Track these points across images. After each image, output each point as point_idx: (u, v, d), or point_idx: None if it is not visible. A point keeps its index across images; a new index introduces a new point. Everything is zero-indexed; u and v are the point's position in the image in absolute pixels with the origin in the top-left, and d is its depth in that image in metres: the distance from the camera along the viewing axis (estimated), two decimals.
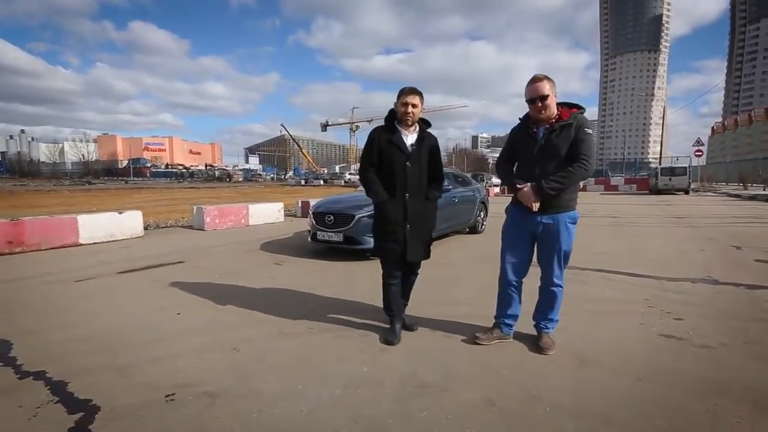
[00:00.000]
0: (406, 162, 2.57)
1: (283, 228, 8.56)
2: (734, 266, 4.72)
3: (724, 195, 20.37)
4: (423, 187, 2.64)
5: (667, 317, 3.03)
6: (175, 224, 9.22)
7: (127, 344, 2.52)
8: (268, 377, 2.09)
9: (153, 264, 4.96)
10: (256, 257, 5.50)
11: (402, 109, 2.58)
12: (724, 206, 13.32)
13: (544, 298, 2.50)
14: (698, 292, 3.69)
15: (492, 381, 2.08)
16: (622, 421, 1.72)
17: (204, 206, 8.51)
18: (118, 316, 3.08)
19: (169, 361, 2.29)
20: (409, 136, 2.64)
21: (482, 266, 4.89)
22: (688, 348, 2.49)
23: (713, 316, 3.07)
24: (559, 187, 2.21)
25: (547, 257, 2.40)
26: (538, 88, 2.22)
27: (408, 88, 2.60)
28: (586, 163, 2.21)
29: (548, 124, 2.26)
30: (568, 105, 2.33)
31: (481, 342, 2.49)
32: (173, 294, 3.67)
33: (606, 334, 2.71)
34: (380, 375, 2.13)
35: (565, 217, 2.32)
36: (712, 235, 7.18)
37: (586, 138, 2.23)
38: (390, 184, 2.60)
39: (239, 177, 57.17)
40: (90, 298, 3.59)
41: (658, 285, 3.92)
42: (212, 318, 3.01)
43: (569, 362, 2.29)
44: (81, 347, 2.48)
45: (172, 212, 11.90)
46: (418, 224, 2.61)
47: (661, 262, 4.93)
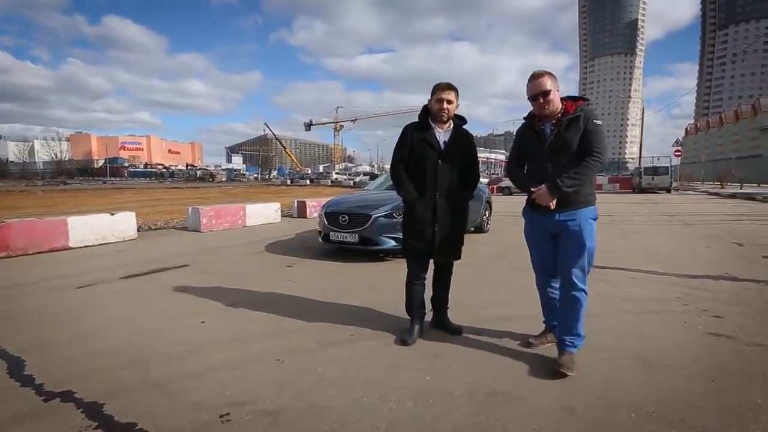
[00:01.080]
0: (438, 160, 2.48)
1: (282, 229, 8.32)
2: (745, 263, 4.78)
3: (704, 193, 21.12)
4: (454, 187, 2.53)
5: (706, 315, 3.01)
6: (166, 226, 8.85)
7: (155, 357, 2.30)
8: (327, 391, 1.92)
9: (156, 268, 4.68)
10: (264, 259, 5.27)
11: (437, 106, 2.47)
12: (707, 204, 13.74)
13: (565, 306, 2.24)
14: (724, 289, 3.70)
15: (563, 386, 1.98)
16: (717, 428, 1.64)
17: (200, 207, 8.18)
18: (135, 325, 2.84)
19: (210, 375, 2.09)
20: (442, 133, 2.53)
21: (503, 265, 4.82)
22: (741, 347, 2.45)
23: (749, 313, 3.06)
24: (576, 183, 2.09)
25: (568, 258, 2.20)
26: (539, 84, 2.13)
27: (443, 83, 2.50)
28: (600, 155, 2.10)
29: (555, 119, 2.17)
30: (573, 98, 2.23)
31: (534, 346, 2.40)
32: (188, 300, 3.44)
33: (656, 335, 2.65)
34: (445, 384, 2.00)
35: (586, 213, 2.17)
36: (710, 232, 7.34)
37: (597, 129, 2.12)
38: (420, 182, 2.51)
39: (222, 177, 55.77)
40: (97, 306, 3.32)
41: (682, 283, 3.91)
42: (241, 326, 2.81)
43: (634, 364, 2.21)
44: (104, 362, 2.25)
45: (160, 213, 11.47)
46: (447, 224, 2.51)
47: (674, 260, 4.96)
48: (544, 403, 1.82)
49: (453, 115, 2.54)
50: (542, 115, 2.20)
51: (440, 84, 2.51)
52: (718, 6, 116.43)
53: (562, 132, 2.13)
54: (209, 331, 2.71)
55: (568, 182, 2.08)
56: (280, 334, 2.66)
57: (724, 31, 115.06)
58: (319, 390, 1.94)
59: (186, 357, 2.31)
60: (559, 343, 2.25)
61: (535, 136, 2.23)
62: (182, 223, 9.11)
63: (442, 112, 2.47)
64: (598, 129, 2.12)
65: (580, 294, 2.19)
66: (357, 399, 1.85)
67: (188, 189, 29.92)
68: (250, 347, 2.44)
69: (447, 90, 2.47)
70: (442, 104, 2.45)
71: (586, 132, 2.11)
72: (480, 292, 3.66)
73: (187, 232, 7.91)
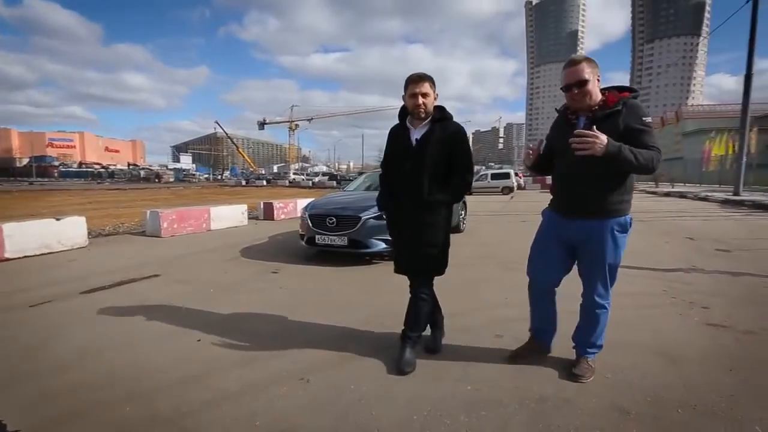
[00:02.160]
0: (406, 163, 2.20)
1: (252, 232, 7.87)
2: (705, 256, 5.20)
3: (642, 192, 23.05)
4: (424, 190, 2.15)
5: (695, 307, 3.20)
6: (117, 231, 8.03)
7: (157, 387, 2.00)
8: (370, 410, 1.76)
9: (122, 279, 4.18)
10: (244, 266, 4.91)
11: (411, 102, 2.14)
12: (649, 202, 15.00)
13: (585, 321, 2.12)
14: (698, 281, 3.97)
15: (604, 386, 1.97)
16: (758, 417, 1.70)
17: (159, 210, 7.51)
18: (117, 349, 2.47)
19: (230, 403, 1.84)
20: (416, 131, 2.21)
21: (492, 265, 4.84)
22: (738, 335, 2.62)
23: (731, 302, 3.29)
24: (630, 159, 1.70)
25: (589, 272, 2.02)
26: (576, 71, 1.84)
27: (415, 75, 2.16)
28: (660, 152, 1.78)
29: (590, 112, 1.89)
30: (619, 88, 1.92)
31: (518, 359, 2.20)
32: (172, 316, 3.07)
33: (662, 328, 2.76)
34: (489, 393, 1.91)
35: (613, 223, 1.91)
36: (662, 228, 7.96)
37: (647, 128, 1.81)
38: (394, 188, 2.30)
39: (170, 177, 52.18)
40: (63, 328, 2.87)
41: (662, 277, 4.16)
42: (245, 343, 2.54)
43: (658, 359, 2.26)
44: (94, 398, 1.91)
45: (106, 217, 10.45)
46: (412, 233, 2.20)
47: (645, 256, 5.28)
48: (594, 405, 1.80)
49: (432, 110, 2.20)
50: (577, 108, 1.93)
51: (412, 76, 2.16)
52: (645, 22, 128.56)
53: (595, 127, 1.78)
54: (210, 351, 2.42)
55: (626, 153, 1.70)
56: (293, 350, 2.43)
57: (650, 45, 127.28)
58: (360, 410, 1.77)
59: (193, 383, 2.02)
60: (577, 348, 2.16)
61: (567, 130, 1.89)
62: (136, 228, 8.36)
63: (418, 108, 2.13)
64: (648, 128, 1.81)
65: (602, 312, 2.05)
66: (407, 417, 1.71)
67: (133, 190, 27.64)
68: (264, 366, 2.20)
69: (420, 82, 2.13)
70: (416, 99, 2.12)
71: (634, 130, 1.78)
72: (481, 294, 3.63)
73: (145, 237, 7.23)
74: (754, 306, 3.20)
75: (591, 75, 1.84)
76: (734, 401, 1.83)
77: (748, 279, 4.03)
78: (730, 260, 4.90)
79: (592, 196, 1.91)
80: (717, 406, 1.79)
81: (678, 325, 2.82)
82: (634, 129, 1.81)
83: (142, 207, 13.92)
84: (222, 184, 46.06)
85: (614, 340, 2.45)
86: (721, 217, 9.75)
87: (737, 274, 4.20)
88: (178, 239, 7.07)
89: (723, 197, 14.33)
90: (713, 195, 15.57)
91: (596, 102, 1.89)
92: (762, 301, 3.31)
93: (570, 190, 1.97)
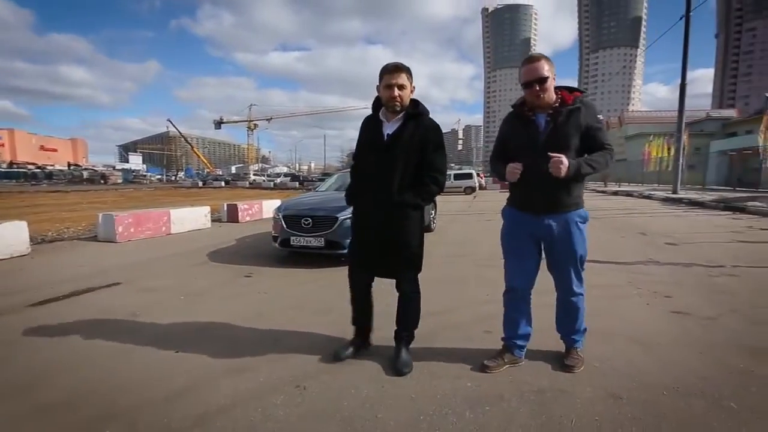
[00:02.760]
0: (376, 158, 2.09)
1: (216, 235, 7.51)
2: (658, 249, 5.62)
3: (592, 191, 24.61)
4: (396, 189, 2.05)
5: (659, 296, 3.44)
6: (61, 237, 7.35)
7: (140, 405, 1.83)
8: (375, 414, 1.72)
9: (77, 289, 3.82)
10: (214, 271, 4.66)
11: (387, 93, 2.01)
12: (600, 201, 16.04)
13: (564, 312, 2.16)
14: (657, 273, 4.29)
15: (595, 375, 2.06)
16: (729, 394, 1.86)
17: (114, 213, 6.96)
18: (88, 365, 2.23)
19: (225, 417, 1.72)
20: (389, 125, 2.09)
21: (468, 263, 4.94)
22: (701, 321, 2.85)
23: (688, 291, 3.58)
24: (589, 171, 1.87)
25: (560, 264, 2.06)
26: (537, 68, 1.87)
27: (391, 64, 2.04)
28: (612, 150, 1.94)
29: (551, 110, 1.92)
30: (568, 89, 1.99)
31: (491, 370, 2.09)
32: (141, 327, 2.84)
33: (634, 317, 2.94)
34: (489, 388, 1.94)
35: (575, 216, 2.00)
36: (615, 225, 8.53)
37: (603, 126, 1.97)
38: (362, 185, 2.19)
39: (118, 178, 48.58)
40: (15, 344, 2.56)
41: (624, 269, 4.44)
42: (229, 351, 2.39)
43: (636, 347, 2.40)
44: (70, 419, 1.72)
45: (47, 222, 9.52)
46: (384, 234, 2.09)
47: (605, 250, 5.62)
48: (591, 394, 1.88)
49: (407, 103, 2.07)
50: (535, 105, 1.95)
51: (388, 66, 2.04)
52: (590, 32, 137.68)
53: (559, 125, 1.89)
54: (192, 362, 2.26)
55: (585, 166, 1.86)
56: (283, 356, 2.32)
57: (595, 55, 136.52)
58: (365, 414, 1.72)
59: (179, 398, 1.88)
60: (564, 341, 2.21)
61: (527, 128, 1.96)
62: (85, 233, 7.71)
63: (394, 101, 2.01)
64: (603, 126, 1.99)
65: (579, 299, 2.11)
66: (414, 417, 1.70)
67: (75, 192, 25.46)
68: (254, 376, 2.09)
69: (397, 72, 1.99)
70: (392, 90, 1.99)
71: (593, 129, 1.91)
72: (463, 291, 3.68)
73: (97, 243, 6.68)
74: (708, 293, 3.50)
75: (550, 72, 1.89)
76: (708, 382, 1.98)
77: (697, 269, 4.41)
78: (680, 253, 5.34)
79: (560, 192, 1.96)
80: (695, 387, 1.93)
81: (647, 314, 3.02)
82: (593, 127, 1.92)
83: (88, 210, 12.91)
84: (177, 186, 43.63)
85: (594, 330, 2.57)
86: (664, 214, 10.61)
87: (688, 265, 4.58)
88: (136, 244, 6.59)
89: (664, 195, 15.64)
90: (655, 194, 16.96)
91: (553, 100, 1.94)
92: (714, 289, 3.62)
93: (538, 187, 1.96)
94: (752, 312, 3.03)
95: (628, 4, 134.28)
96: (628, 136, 47.99)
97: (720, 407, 1.76)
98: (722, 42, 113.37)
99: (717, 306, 3.15)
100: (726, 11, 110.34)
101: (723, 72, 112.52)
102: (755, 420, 1.67)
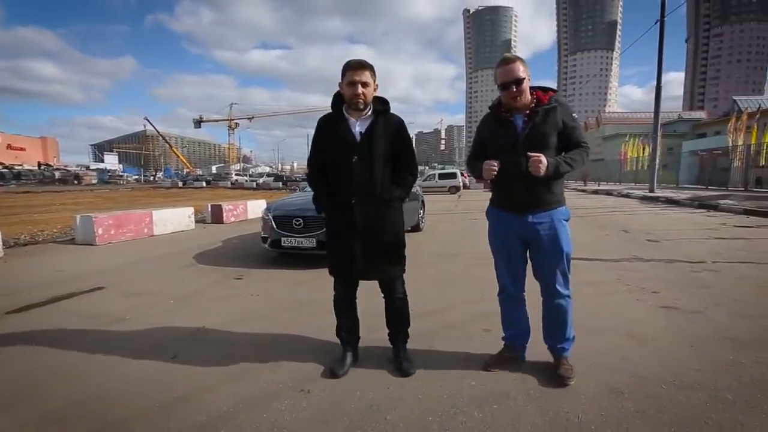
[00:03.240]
0: (352, 157, 2.00)
1: (201, 237, 7.34)
2: (640, 246, 5.79)
3: (573, 190, 25.22)
4: (378, 187, 2.04)
5: (646, 292, 3.54)
6: (33, 240, 7.03)
7: (137, 414, 1.75)
8: (383, 415, 1.70)
9: (57, 295, 3.66)
10: (202, 273, 4.54)
11: (350, 91, 1.97)
12: (582, 200, 16.46)
13: (552, 316, 2.10)
14: (643, 269, 4.42)
15: (595, 370, 2.10)
16: (723, 385, 1.92)
17: (92, 215, 6.70)
18: (79, 376, 2.12)
19: (229, 423, 1.66)
20: (357, 122, 2.04)
21: (459, 263, 4.97)
22: (688, 315, 2.94)
23: (674, 286, 3.70)
24: (568, 169, 1.90)
25: (546, 265, 2.03)
26: (513, 69, 1.88)
27: (354, 61, 2.00)
28: (588, 147, 1.98)
29: (528, 110, 1.94)
30: (542, 89, 2.02)
31: (494, 369, 2.12)
32: (130, 333, 2.73)
33: (626, 312, 3.02)
34: (494, 386, 1.95)
35: (559, 214, 2.00)
36: (599, 223, 8.75)
37: (578, 124, 2.01)
38: (336, 186, 2.08)
39: (92, 179, 46.78)
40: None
41: (612, 266, 4.56)
42: (226, 357, 2.32)
43: (631, 342, 2.46)
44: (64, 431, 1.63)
45: (18, 224, 9.15)
46: (371, 234, 2.04)
47: (592, 248, 5.75)
48: (594, 390, 1.91)
49: (371, 100, 2.05)
50: (512, 106, 1.96)
51: (350, 62, 2.00)
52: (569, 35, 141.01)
53: (537, 125, 1.91)
54: (190, 369, 2.19)
55: (564, 165, 1.89)
56: (283, 361, 2.28)
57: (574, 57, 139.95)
58: (372, 416, 1.70)
59: (179, 406, 1.81)
60: (552, 351, 2.13)
61: (505, 129, 1.98)
62: (61, 236, 7.42)
63: (357, 99, 1.97)
64: (579, 124, 2.01)
65: (565, 300, 2.06)
66: (422, 418, 1.69)
67: (47, 194, 24.45)
68: (256, 381, 2.04)
69: (360, 70, 1.96)
70: (355, 88, 1.95)
71: (569, 127, 1.95)
72: (457, 290, 3.69)
73: (75, 246, 6.42)
74: (692, 288, 3.62)
75: (525, 73, 1.90)
76: (703, 374, 2.04)
77: (679, 265, 4.56)
78: (661, 249, 5.51)
79: (541, 190, 1.96)
80: (691, 380, 1.99)
81: (637, 309, 3.10)
82: (569, 126, 1.95)
83: (62, 212, 12.40)
84: (156, 186, 42.43)
85: (590, 327, 2.65)
86: (643, 212, 10.96)
87: (671, 261, 4.73)
88: (117, 247, 6.37)
89: (641, 194, 16.16)
90: (633, 192, 17.51)
91: (529, 100, 1.95)
92: (697, 284, 3.75)
93: (520, 187, 1.96)
94: (733, 305, 3.15)
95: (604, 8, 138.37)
96: (605, 137, 49.42)
97: (717, 399, 1.81)
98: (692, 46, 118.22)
99: (702, 300, 3.27)
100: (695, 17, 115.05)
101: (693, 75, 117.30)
102: (750, 410, 1.73)
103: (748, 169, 18.22)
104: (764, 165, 17.80)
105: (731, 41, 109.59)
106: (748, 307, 3.10)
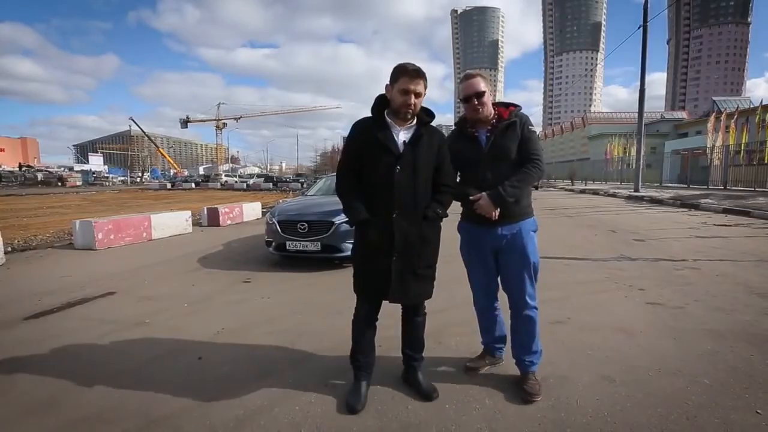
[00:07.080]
0: (395, 168, 1.85)
1: (201, 240, 7.42)
2: (627, 245, 6.11)
3: (562, 190, 25.78)
4: (420, 202, 1.90)
5: (634, 289, 3.81)
6: (27, 246, 7.01)
7: (177, 411, 1.91)
8: (407, 405, 1.89)
9: (70, 301, 3.75)
10: (210, 277, 4.67)
11: (401, 99, 1.83)
12: (570, 199, 16.92)
13: (520, 328, 2.11)
14: (629, 267, 4.70)
15: (589, 361, 2.33)
16: (714, 374, 2.16)
17: (92, 219, 6.74)
18: (111, 379, 2.25)
19: (266, 416, 1.83)
20: (401, 132, 1.91)
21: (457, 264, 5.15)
22: (672, 311, 3.21)
23: (658, 283, 3.98)
24: (517, 192, 1.95)
25: (514, 275, 2.07)
26: (474, 84, 1.98)
27: (411, 68, 1.83)
28: (539, 161, 2.03)
29: (489, 125, 2.03)
30: (504, 104, 2.09)
31: (473, 370, 2.23)
32: (154, 337, 2.86)
33: (615, 308, 3.27)
34: (500, 383, 2.15)
35: (527, 225, 2.06)
36: (587, 222, 9.09)
37: (533, 136, 2.05)
38: (374, 197, 1.89)
39: (77, 181, 45.87)
40: (25, 362, 2.53)
41: (601, 265, 4.83)
42: (250, 358, 2.49)
43: (620, 335, 2.71)
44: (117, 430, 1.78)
45: (9, 229, 9.05)
46: (409, 253, 1.89)
47: (582, 247, 6.05)
48: (588, 378, 2.14)
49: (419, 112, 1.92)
50: (475, 120, 2.05)
51: (406, 68, 1.82)
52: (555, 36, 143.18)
53: (498, 138, 1.99)
54: (218, 368, 2.34)
55: (510, 190, 1.93)
56: (305, 359, 2.45)
57: (559, 58, 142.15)
58: (396, 407, 1.90)
59: (216, 402, 1.97)
60: (519, 365, 2.12)
61: (470, 144, 2.05)
62: (57, 240, 7.41)
63: (407, 108, 1.84)
64: (534, 136, 2.06)
65: (533, 312, 2.08)
66: (438, 404, 1.92)
67: (31, 197, 23.96)
68: (282, 377, 2.21)
69: (416, 79, 1.81)
70: (408, 97, 1.81)
71: (524, 139, 2.01)
72: (460, 291, 3.90)
73: (75, 251, 6.45)
74: (675, 285, 3.91)
75: (486, 87, 2.00)
76: (685, 362, 2.30)
77: (663, 263, 4.86)
78: (647, 248, 5.83)
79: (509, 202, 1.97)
80: (674, 368, 2.23)
81: (625, 305, 3.35)
82: (524, 137, 2.02)
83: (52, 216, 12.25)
84: (143, 188, 41.84)
85: (584, 322, 2.92)
86: (629, 211, 11.38)
87: (656, 260, 5.03)
88: (117, 251, 6.43)
89: (627, 193, 16.69)
90: (619, 192, 18.03)
91: (491, 114, 2.04)
92: (680, 282, 4.04)
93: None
94: (712, 300, 3.43)
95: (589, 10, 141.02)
96: (591, 137, 50.43)
97: (696, 383, 2.06)
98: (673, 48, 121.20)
99: (683, 296, 3.55)
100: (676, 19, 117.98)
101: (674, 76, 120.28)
102: (724, 392, 1.97)
103: (727, 169, 18.96)
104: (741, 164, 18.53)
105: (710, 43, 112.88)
106: (724, 302, 3.39)
